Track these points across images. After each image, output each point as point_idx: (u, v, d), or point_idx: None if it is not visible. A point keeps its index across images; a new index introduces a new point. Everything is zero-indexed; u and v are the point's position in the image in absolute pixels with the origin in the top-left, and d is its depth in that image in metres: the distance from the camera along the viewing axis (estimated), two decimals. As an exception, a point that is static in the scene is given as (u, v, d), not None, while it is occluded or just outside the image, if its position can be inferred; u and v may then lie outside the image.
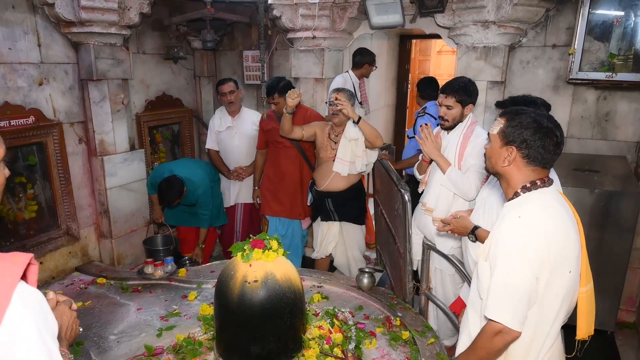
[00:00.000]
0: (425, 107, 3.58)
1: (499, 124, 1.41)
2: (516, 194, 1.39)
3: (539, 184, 1.37)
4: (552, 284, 1.33)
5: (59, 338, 0.93)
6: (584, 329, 1.49)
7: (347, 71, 3.85)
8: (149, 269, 2.83)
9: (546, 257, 1.29)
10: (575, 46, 3.04)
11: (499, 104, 2.18)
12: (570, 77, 3.11)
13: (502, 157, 1.39)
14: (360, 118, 2.88)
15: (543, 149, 1.34)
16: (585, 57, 3.07)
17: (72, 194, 3.17)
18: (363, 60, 3.79)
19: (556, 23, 3.16)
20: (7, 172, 0.92)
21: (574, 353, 1.52)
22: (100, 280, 2.85)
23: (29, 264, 0.80)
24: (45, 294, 0.91)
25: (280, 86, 3.19)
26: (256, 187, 3.64)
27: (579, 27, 3.01)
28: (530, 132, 1.33)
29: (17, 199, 2.89)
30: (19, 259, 0.78)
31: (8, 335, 0.71)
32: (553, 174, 1.73)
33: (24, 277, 0.78)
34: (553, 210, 1.35)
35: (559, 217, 1.35)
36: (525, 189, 1.38)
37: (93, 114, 3.17)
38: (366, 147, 3.05)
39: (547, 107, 2.08)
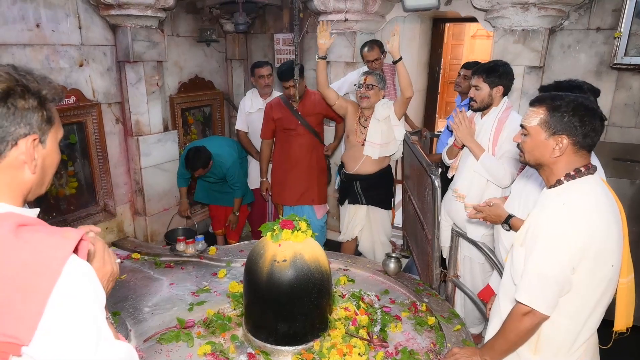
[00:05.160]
0: None
1: (536, 115, 1.33)
2: (559, 182, 1.34)
3: (583, 171, 1.32)
4: (593, 275, 1.29)
5: None
6: (623, 321, 1.45)
7: None
8: (180, 247, 2.92)
9: (588, 247, 1.26)
10: (622, 29, 2.88)
11: (543, 89, 2.07)
12: (615, 62, 2.96)
13: (551, 148, 1.31)
14: (401, 58, 2.82)
15: (594, 132, 1.28)
16: (631, 41, 2.90)
17: (109, 172, 3.30)
18: None
19: (601, 5, 2.99)
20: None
21: (610, 344, 1.49)
22: (135, 255, 2.97)
23: (80, 240, 0.81)
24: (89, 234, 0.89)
25: (295, 70, 3.08)
26: (264, 179, 3.55)
27: (626, 9, 2.84)
28: (578, 118, 1.27)
29: (59, 176, 3.04)
30: (71, 235, 0.79)
31: (57, 307, 0.72)
32: (595, 160, 1.66)
33: (75, 251, 0.80)
34: (597, 199, 1.30)
35: (604, 207, 1.30)
36: (569, 176, 1.32)
37: (129, 95, 3.26)
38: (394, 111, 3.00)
39: (595, 92, 1.95)
